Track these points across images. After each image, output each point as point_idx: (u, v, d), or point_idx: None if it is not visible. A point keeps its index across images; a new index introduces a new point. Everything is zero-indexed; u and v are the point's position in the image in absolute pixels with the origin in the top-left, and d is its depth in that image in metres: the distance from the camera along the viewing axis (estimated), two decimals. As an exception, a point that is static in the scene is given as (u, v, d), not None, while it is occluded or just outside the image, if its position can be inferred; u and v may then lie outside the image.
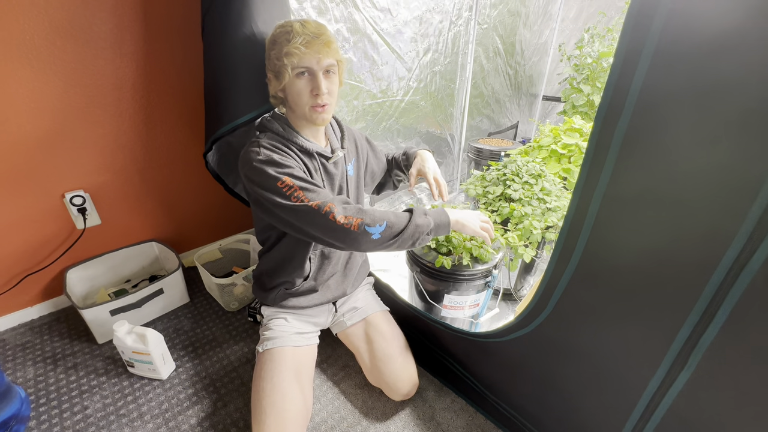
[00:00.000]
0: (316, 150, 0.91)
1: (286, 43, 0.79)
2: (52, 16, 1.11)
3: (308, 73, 0.82)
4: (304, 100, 0.84)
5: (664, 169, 0.51)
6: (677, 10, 0.45)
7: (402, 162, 1.17)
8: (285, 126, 0.90)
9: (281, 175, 0.81)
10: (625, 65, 0.50)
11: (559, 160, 1.55)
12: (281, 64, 0.80)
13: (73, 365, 1.21)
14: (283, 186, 0.80)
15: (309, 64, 0.80)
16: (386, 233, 0.82)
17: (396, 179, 1.23)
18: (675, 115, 0.48)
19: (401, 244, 0.84)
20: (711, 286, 0.51)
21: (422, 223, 0.85)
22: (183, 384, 1.15)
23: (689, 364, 0.57)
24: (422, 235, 0.86)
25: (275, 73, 0.84)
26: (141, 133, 1.39)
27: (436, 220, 0.88)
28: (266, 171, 0.81)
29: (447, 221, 0.90)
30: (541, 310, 0.75)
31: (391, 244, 0.84)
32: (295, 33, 0.79)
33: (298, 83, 0.82)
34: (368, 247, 0.83)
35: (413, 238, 0.85)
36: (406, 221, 0.84)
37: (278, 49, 0.80)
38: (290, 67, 0.80)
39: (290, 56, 0.79)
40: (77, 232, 1.38)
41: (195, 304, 1.49)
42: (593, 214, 0.60)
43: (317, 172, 0.93)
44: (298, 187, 0.81)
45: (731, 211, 0.47)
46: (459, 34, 1.88)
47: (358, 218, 0.80)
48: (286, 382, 0.91)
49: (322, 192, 0.83)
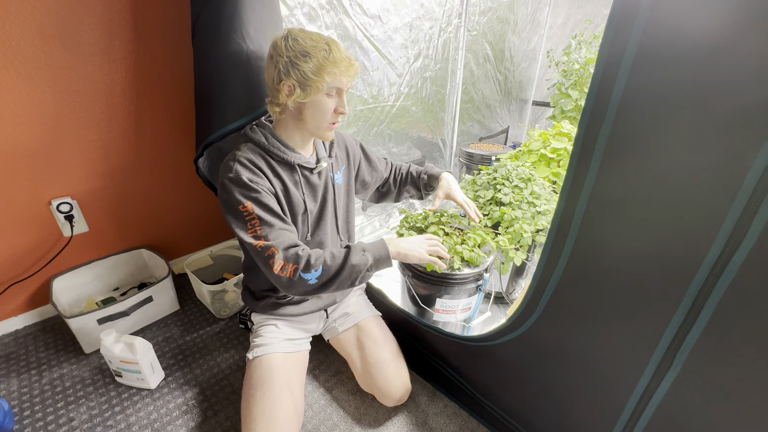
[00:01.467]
0: (298, 162, 0.90)
1: (328, 62, 0.79)
2: (39, 22, 1.10)
3: (337, 93, 0.85)
4: (327, 117, 0.86)
5: (647, 171, 0.52)
6: (656, 18, 0.46)
7: (422, 182, 1.18)
8: (268, 136, 0.89)
9: (245, 199, 0.82)
10: (606, 71, 0.51)
11: (548, 164, 1.57)
12: (318, 79, 0.80)
13: (59, 376, 1.18)
14: (244, 211, 0.82)
15: (341, 85, 0.83)
16: (322, 277, 0.83)
17: (406, 194, 1.23)
18: (655, 120, 0.50)
19: (340, 285, 0.84)
20: (694, 286, 0.52)
21: (358, 262, 0.84)
22: (172, 393, 1.13)
23: (675, 364, 0.58)
24: (361, 274, 0.85)
25: (302, 85, 0.81)
26: (130, 139, 1.38)
27: (375, 254, 0.87)
28: (233, 191, 0.82)
29: (386, 254, 0.88)
30: (531, 312, 0.76)
31: (330, 287, 0.84)
32: (337, 55, 0.80)
33: (327, 101, 0.84)
34: (306, 292, 0.85)
35: (351, 278, 0.84)
36: (341, 262, 0.84)
37: (315, 64, 0.79)
38: (326, 85, 0.81)
39: (333, 75, 0.80)
40: (64, 240, 1.36)
41: (185, 312, 1.47)
42: (580, 216, 0.61)
43: (298, 185, 0.92)
44: (257, 216, 0.82)
45: (711, 213, 0.48)
46: (449, 40, 1.91)
47: (293, 265, 0.81)
48: (277, 389, 0.90)
49: (278, 227, 0.84)
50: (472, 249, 1.11)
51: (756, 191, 0.44)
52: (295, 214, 0.93)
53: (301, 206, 0.93)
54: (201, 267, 1.57)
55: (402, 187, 1.22)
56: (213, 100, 1.05)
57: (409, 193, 1.23)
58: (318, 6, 1.32)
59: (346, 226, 1.09)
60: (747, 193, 0.45)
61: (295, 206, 0.92)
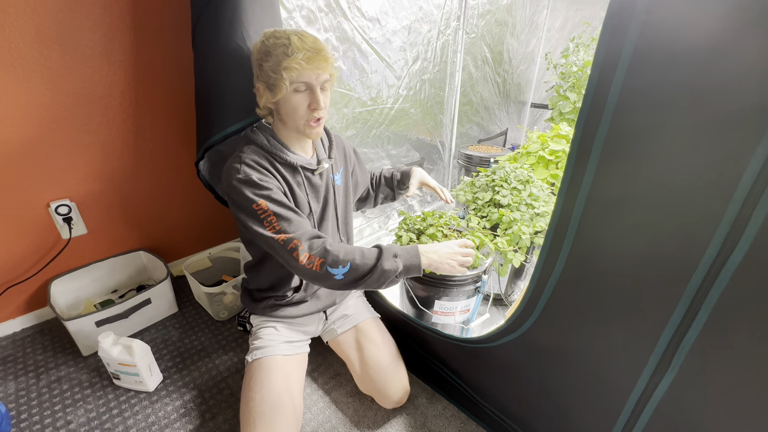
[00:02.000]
0: (300, 163, 0.90)
1: (285, 56, 0.77)
2: (39, 24, 1.10)
3: (306, 88, 0.82)
4: (300, 114, 0.83)
5: (643, 173, 0.53)
6: (651, 21, 0.47)
7: (395, 180, 1.21)
8: (270, 138, 0.89)
9: (258, 197, 0.81)
10: (602, 73, 0.52)
11: (546, 166, 1.58)
12: (278, 77, 0.78)
13: (57, 379, 1.18)
14: (258, 209, 0.81)
15: (308, 79, 0.80)
16: (350, 275, 0.81)
17: (381, 196, 1.25)
18: (651, 121, 0.50)
19: (368, 286, 0.83)
20: (691, 288, 0.52)
21: (390, 268, 0.82)
22: (170, 396, 1.13)
23: (673, 365, 0.58)
24: (389, 279, 0.83)
25: (269, 86, 0.81)
26: (129, 141, 1.38)
27: (406, 262, 0.84)
28: (243, 192, 0.81)
29: (417, 263, 0.85)
30: (529, 314, 0.76)
31: (357, 286, 0.83)
32: (295, 47, 0.77)
33: (295, 98, 0.82)
34: (332, 286, 0.84)
35: (379, 282, 0.82)
36: (372, 264, 0.81)
37: (274, 62, 0.78)
38: (288, 81, 0.78)
39: (289, 71, 0.77)
40: (62, 242, 1.36)
41: (183, 314, 1.47)
42: (577, 217, 0.61)
43: (301, 186, 0.92)
44: (273, 213, 0.81)
45: (707, 214, 0.48)
46: (447, 43, 1.92)
47: (320, 258, 0.80)
48: (276, 392, 0.90)
49: (296, 221, 0.83)
50: (471, 251, 1.11)
51: (751, 193, 0.45)
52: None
53: (306, 207, 0.93)
54: (199, 269, 1.57)
55: (378, 190, 1.24)
56: (213, 102, 1.06)
57: (383, 194, 1.24)
58: (316, 9, 1.32)
59: (345, 227, 1.09)
60: (743, 195, 0.45)
61: (301, 207, 0.92)
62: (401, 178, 1.21)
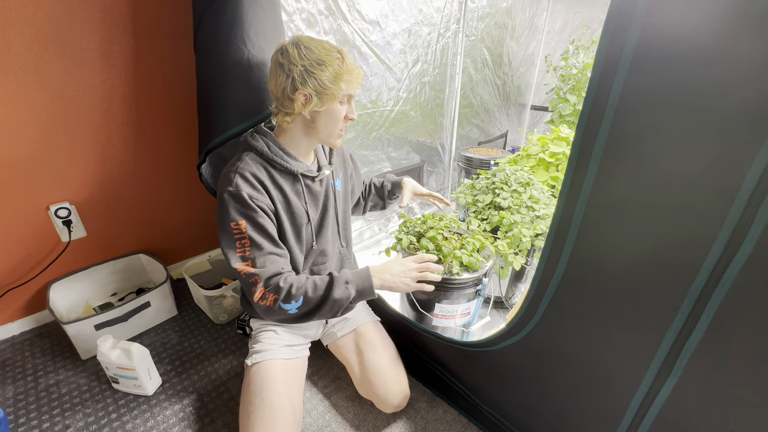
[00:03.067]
0: (301, 171, 0.90)
1: (344, 70, 0.81)
2: (39, 29, 1.10)
3: (348, 101, 0.87)
4: (339, 124, 0.87)
5: (644, 175, 0.52)
6: (651, 23, 0.46)
7: (385, 190, 1.23)
8: (270, 144, 0.87)
9: (240, 217, 0.82)
10: (603, 75, 0.51)
11: (547, 169, 1.57)
12: (335, 87, 0.81)
13: (55, 382, 1.17)
14: (236, 229, 0.82)
15: (353, 92, 0.86)
16: (303, 308, 0.83)
17: (370, 204, 1.26)
18: (653, 123, 0.50)
19: (322, 316, 0.85)
20: (693, 291, 0.52)
21: (341, 296, 0.83)
22: (169, 400, 1.12)
23: (675, 370, 0.58)
24: (343, 307, 0.85)
25: (319, 94, 0.81)
26: (129, 144, 1.38)
27: (359, 286, 0.86)
28: (228, 207, 0.82)
29: (370, 286, 0.87)
30: (530, 317, 0.75)
31: (311, 317, 0.85)
32: (350, 63, 0.82)
33: (340, 109, 0.85)
34: (286, 320, 0.86)
35: (333, 311, 0.85)
36: (322, 294, 0.83)
37: (333, 73, 0.80)
38: (342, 93, 0.82)
39: (348, 83, 0.82)
40: (62, 245, 1.35)
41: (183, 317, 1.47)
42: (578, 220, 0.61)
43: (300, 194, 0.92)
44: (248, 237, 0.82)
45: (709, 218, 0.48)
46: (447, 45, 1.92)
47: (273, 295, 0.82)
48: (275, 396, 0.89)
49: (266, 252, 0.83)
50: (471, 253, 1.11)
51: (754, 195, 0.44)
52: (298, 225, 0.93)
53: (303, 216, 0.93)
54: (199, 272, 1.57)
55: (368, 198, 1.25)
56: (215, 104, 1.06)
57: (372, 202, 1.26)
58: (317, 12, 1.33)
59: (345, 232, 1.09)
60: (745, 198, 0.45)
61: (298, 217, 0.92)
62: (392, 188, 1.22)
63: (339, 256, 1.08)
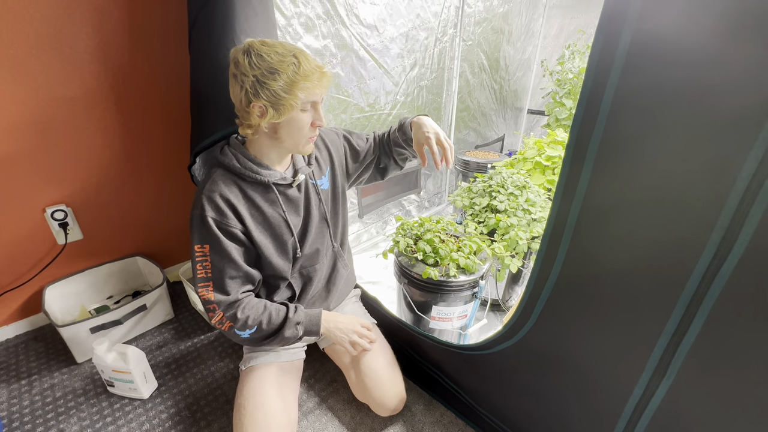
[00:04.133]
0: (273, 180, 0.87)
1: (298, 76, 0.74)
2: (37, 31, 1.11)
3: (312, 107, 0.81)
4: (304, 132, 0.82)
5: (637, 179, 0.53)
6: (642, 29, 0.47)
7: (400, 138, 1.04)
8: (240, 157, 0.85)
9: (204, 241, 0.83)
10: (596, 80, 0.52)
11: (543, 172, 1.59)
12: (290, 97, 0.75)
13: (50, 386, 1.16)
14: (200, 252, 0.83)
15: (315, 98, 0.79)
16: (255, 335, 0.88)
17: (399, 158, 1.10)
18: (644, 127, 0.50)
19: (270, 346, 0.94)
20: (686, 295, 0.52)
21: (290, 335, 0.90)
22: (165, 403, 1.12)
23: (669, 372, 0.58)
24: (289, 343, 0.92)
25: (274, 105, 0.75)
26: (127, 146, 1.38)
27: (307, 328, 0.93)
28: (193, 228, 0.83)
29: (317, 330, 0.95)
30: (526, 320, 0.76)
31: (260, 343, 0.91)
32: (307, 67, 0.75)
33: (303, 117, 0.80)
34: (240, 342, 0.91)
35: (281, 344, 0.93)
36: (275, 330, 0.89)
37: (287, 82, 0.74)
38: (300, 101, 0.76)
39: (305, 90, 0.75)
40: (58, 248, 1.35)
41: (179, 320, 1.46)
42: (572, 223, 0.61)
43: (275, 203, 0.89)
44: (210, 260, 0.84)
45: (701, 220, 0.48)
46: (444, 50, 1.93)
47: (229, 322, 0.86)
48: (269, 399, 0.89)
49: (226, 278, 0.85)
50: (468, 256, 1.11)
51: (744, 198, 0.45)
52: (278, 235, 0.91)
53: (282, 225, 0.91)
54: (196, 275, 1.56)
55: (390, 152, 1.08)
56: (205, 107, 1.06)
57: (401, 155, 1.09)
58: (315, 16, 1.34)
59: (337, 231, 1.06)
60: (736, 200, 0.45)
61: (276, 228, 0.90)
62: (404, 134, 1.04)
63: (332, 255, 1.06)
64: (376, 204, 1.94)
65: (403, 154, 1.09)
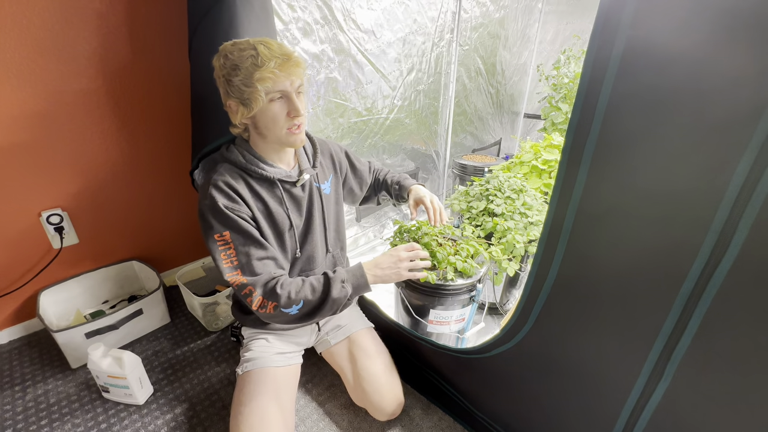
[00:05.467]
0: (278, 177, 0.87)
1: (256, 67, 0.74)
2: (35, 35, 1.11)
3: (282, 96, 0.79)
4: (280, 124, 0.81)
5: (632, 182, 0.53)
6: (635, 36, 0.48)
7: (394, 192, 1.18)
8: (245, 153, 0.86)
9: (223, 227, 0.81)
10: (591, 85, 0.53)
11: (540, 176, 1.59)
12: (252, 90, 0.75)
13: (44, 392, 1.15)
14: (221, 240, 0.82)
15: (283, 87, 0.77)
16: (304, 309, 0.84)
17: (381, 198, 1.24)
18: (639, 131, 0.51)
19: (322, 316, 0.86)
20: (681, 297, 0.53)
21: (339, 295, 0.85)
22: (161, 409, 1.11)
23: (666, 374, 0.58)
24: (341, 304, 0.87)
25: (242, 101, 0.77)
26: (124, 150, 1.38)
27: (354, 283, 0.88)
28: (209, 220, 0.82)
29: (365, 282, 0.89)
30: (523, 324, 0.76)
31: (312, 318, 0.86)
32: (264, 56, 0.74)
33: (272, 108, 0.79)
34: (287, 322, 0.86)
35: (333, 309, 0.86)
36: (320, 296, 0.85)
37: (245, 75, 0.74)
38: (264, 92, 0.76)
39: (264, 81, 0.74)
40: (53, 252, 1.34)
41: (176, 325, 1.45)
42: (569, 226, 0.62)
43: (280, 200, 0.90)
44: (234, 246, 0.82)
45: (696, 222, 0.49)
46: (441, 54, 1.95)
47: (272, 303, 0.82)
48: (266, 405, 0.88)
49: (255, 259, 0.82)
50: (465, 260, 1.12)
51: (738, 201, 0.45)
52: (281, 232, 0.91)
53: (286, 222, 0.91)
54: (193, 279, 1.56)
55: (378, 191, 1.22)
56: (209, 112, 1.06)
57: (384, 197, 1.23)
58: (312, 21, 1.34)
59: (338, 235, 1.08)
60: (729, 203, 0.46)
61: (280, 224, 0.90)
62: (400, 192, 1.18)
63: (331, 261, 1.07)
64: (374, 207, 1.94)
65: (385, 197, 1.22)
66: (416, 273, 0.93)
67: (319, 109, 1.50)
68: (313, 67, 1.41)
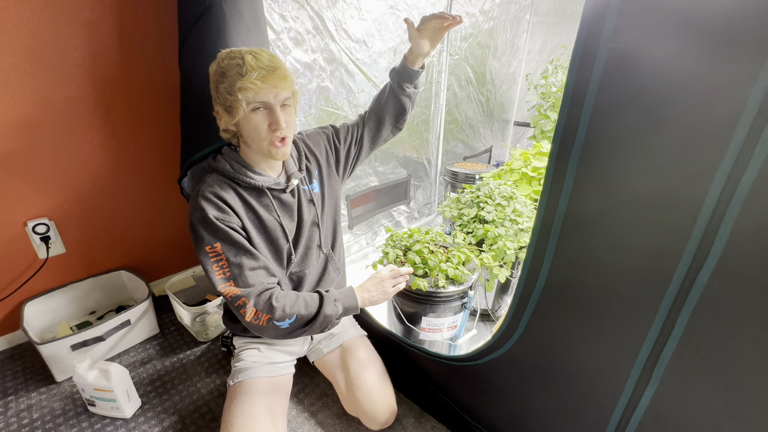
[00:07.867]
0: (267, 185, 0.87)
1: (239, 77, 0.74)
2: (23, 43, 1.10)
3: (265, 108, 0.79)
4: (261, 135, 0.80)
5: (616, 190, 0.55)
6: (615, 48, 0.50)
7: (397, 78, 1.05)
8: (233, 162, 0.86)
9: (214, 239, 0.81)
10: (575, 95, 0.54)
11: (529, 183, 1.62)
12: (234, 98, 0.76)
13: (27, 407, 1.12)
14: (212, 252, 0.81)
15: (266, 98, 0.77)
16: (295, 324, 0.85)
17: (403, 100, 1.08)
18: (621, 141, 0.52)
19: (310, 331, 0.87)
20: (666, 303, 0.54)
21: (331, 313, 0.87)
22: (149, 422, 1.08)
23: (653, 379, 0.59)
24: (331, 322, 0.89)
25: (226, 108, 0.79)
26: (113, 158, 1.36)
27: (345, 304, 0.91)
28: (199, 232, 0.81)
29: (355, 304, 0.93)
30: (514, 330, 0.76)
31: (302, 333, 0.87)
32: (249, 66, 0.74)
33: (254, 118, 0.79)
34: (276, 336, 0.87)
35: (322, 326, 0.88)
36: (315, 311, 0.86)
37: (229, 83, 0.76)
38: (245, 102, 0.76)
39: (245, 91, 0.75)
40: (39, 262, 1.31)
41: (165, 335, 1.43)
42: (556, 233, 0.63)
43: (270, 208, 0.90)
44: (225, 258, 0.82)
45: (676, 232, 0.50)
46: (432, 64, 1.97)
47: (266, 315, 0.82)
48: (257, 416, 0.87)
49: (247, 270, 0.82)
50: (457, 267, 1.12)
51: (717, 208, 0.47)
52: (274, 239, 0.91)
53: (278, 229, 0.91)
54: (183, 288, 1.54)
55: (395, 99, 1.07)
56: (197, 120, 1.06)
57: (405, 93, 1.06)
58: (304, 31, 1.36)
59: (333, 234, 1.05)
60: (709, 211, 0.47)
61: (272, 231, 0.90)
62: (402, 68, 1.03)
63: (323, 259, 1.04)
64: (366, 215, 1.94)
65: (408, 92, 1.06)
66: (400, 286, 1.00)
67: (310, 118, 1.51)
68: (304, 76, 1.42)
